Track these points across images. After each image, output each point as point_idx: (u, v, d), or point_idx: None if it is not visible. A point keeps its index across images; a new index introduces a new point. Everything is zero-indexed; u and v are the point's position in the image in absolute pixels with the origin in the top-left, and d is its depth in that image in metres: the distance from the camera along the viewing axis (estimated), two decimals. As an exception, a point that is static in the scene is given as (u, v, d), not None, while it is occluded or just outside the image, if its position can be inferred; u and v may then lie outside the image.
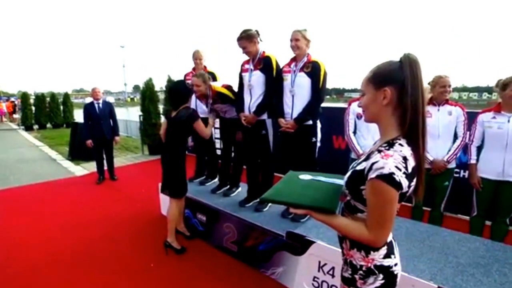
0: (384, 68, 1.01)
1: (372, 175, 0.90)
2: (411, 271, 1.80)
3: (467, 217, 2.97)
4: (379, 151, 0.94)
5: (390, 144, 0.95)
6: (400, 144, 0.95)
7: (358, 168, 1.00)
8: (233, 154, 3.48)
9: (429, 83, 2.74)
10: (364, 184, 0.95)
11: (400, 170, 0.89)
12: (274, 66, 2.75)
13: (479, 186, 2.55)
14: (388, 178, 0.88)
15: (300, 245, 2.24)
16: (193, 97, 3.60)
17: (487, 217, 2.64)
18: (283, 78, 2.68)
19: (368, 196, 0.94)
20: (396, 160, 0.90)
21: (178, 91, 2.83)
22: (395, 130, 0.99)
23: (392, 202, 0.90)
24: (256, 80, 2.78)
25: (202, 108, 3.56)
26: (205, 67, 3.71)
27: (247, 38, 2.70)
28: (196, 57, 3.70)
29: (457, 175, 3.45)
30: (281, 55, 2.81)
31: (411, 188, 0.96)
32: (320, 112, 2.65)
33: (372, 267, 1.00)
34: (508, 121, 2.39)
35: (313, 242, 2.15)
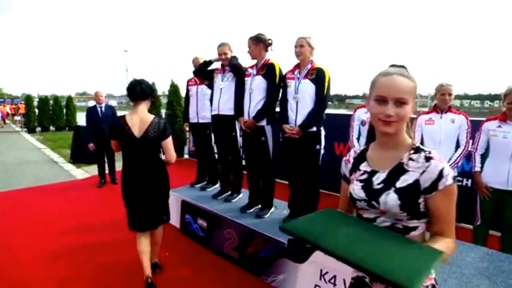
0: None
1: (448, 181, 0.89)
2: (415, 281, 1.78)
3: (470, 226, 2.94)
4: (429, 158, 0.90)
5: (417, 149, 0.94)
6: (422, 147, 0.95)
7: (404, 184, 0.92)
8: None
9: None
10: (421, 197, 0.92)
11: None
12: (277, 73, 2.76)
13: (488, 193, 2.48)
14: (454, 177, 0.91)
15: (302, 252, 2.21)
16: (194, 101, 3.61)
17: (491, 226, 2.61)
18: (286, 85, 2.68)
19: (441, 203, 0.91)
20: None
21: (145, 82, 2.30)
22: (407, 136, 0.97)
23: None
24: (257, 85, 2.79)
25: (203, 113, 3.57)
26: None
27: (254, 40, 2.79)
28: (196, 63, 3.69)
29: (460, 183, 3.43)
30: (284, 61, 2.84)
31: None
32: (324, 118, 2.64)
33: (434, 282, 0.96)
34: None
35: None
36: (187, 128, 3.98)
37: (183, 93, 5.60)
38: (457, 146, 2.69)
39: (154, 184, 2.31)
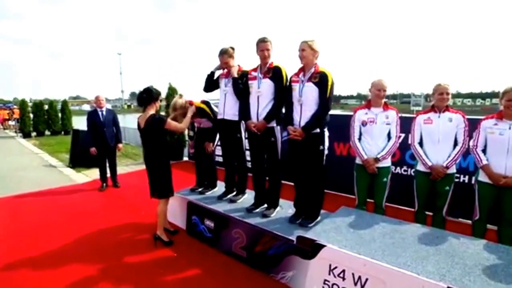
0: None
1: None
2: (420, 272, 1.86)
3: (469, 221, 3.04)
4: None
5: None
6: None
7: None
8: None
9: None
10: None
11: None
12: (284, 76, 2.84)
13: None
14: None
15: (311, 249, 2.29)
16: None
17: (489, 221, 2.71)
18: (292, 88, 2.76)
19: None
20: None
21: (149, 90, 3.13)
22: None
23: None
24: (266, 88, 2.86)
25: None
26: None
27: (271, 43, 2.89)
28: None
29: (458, 180, 3.54)
30: (283, 63, 2.87)
31: None
32: (328, 120, 2.72)
33: None
34: (510, 127, 2.48)
35: (323, 246, 2.21)
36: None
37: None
38: (455, 144, 2.79)
39: (152, 160, 3.14)
